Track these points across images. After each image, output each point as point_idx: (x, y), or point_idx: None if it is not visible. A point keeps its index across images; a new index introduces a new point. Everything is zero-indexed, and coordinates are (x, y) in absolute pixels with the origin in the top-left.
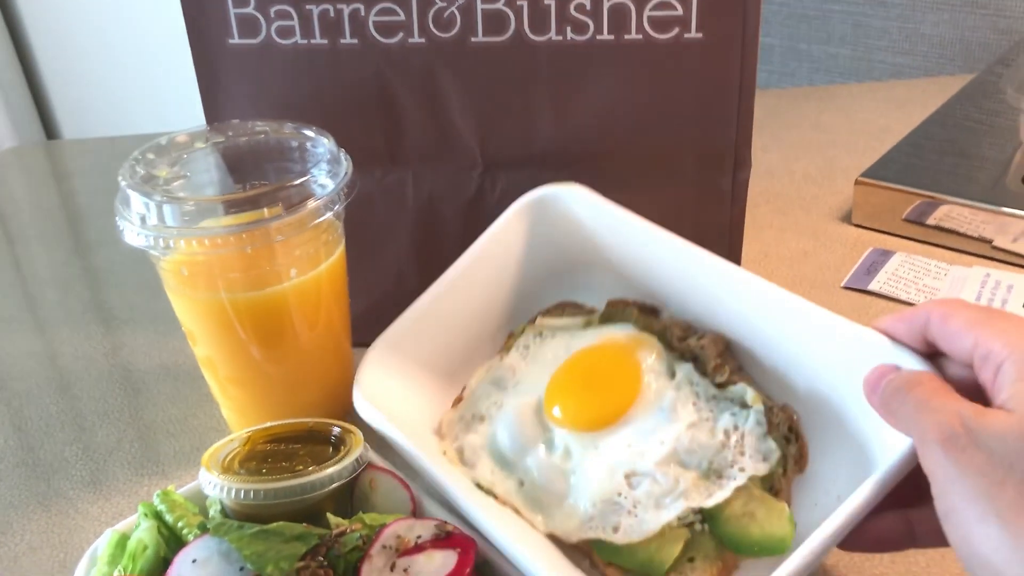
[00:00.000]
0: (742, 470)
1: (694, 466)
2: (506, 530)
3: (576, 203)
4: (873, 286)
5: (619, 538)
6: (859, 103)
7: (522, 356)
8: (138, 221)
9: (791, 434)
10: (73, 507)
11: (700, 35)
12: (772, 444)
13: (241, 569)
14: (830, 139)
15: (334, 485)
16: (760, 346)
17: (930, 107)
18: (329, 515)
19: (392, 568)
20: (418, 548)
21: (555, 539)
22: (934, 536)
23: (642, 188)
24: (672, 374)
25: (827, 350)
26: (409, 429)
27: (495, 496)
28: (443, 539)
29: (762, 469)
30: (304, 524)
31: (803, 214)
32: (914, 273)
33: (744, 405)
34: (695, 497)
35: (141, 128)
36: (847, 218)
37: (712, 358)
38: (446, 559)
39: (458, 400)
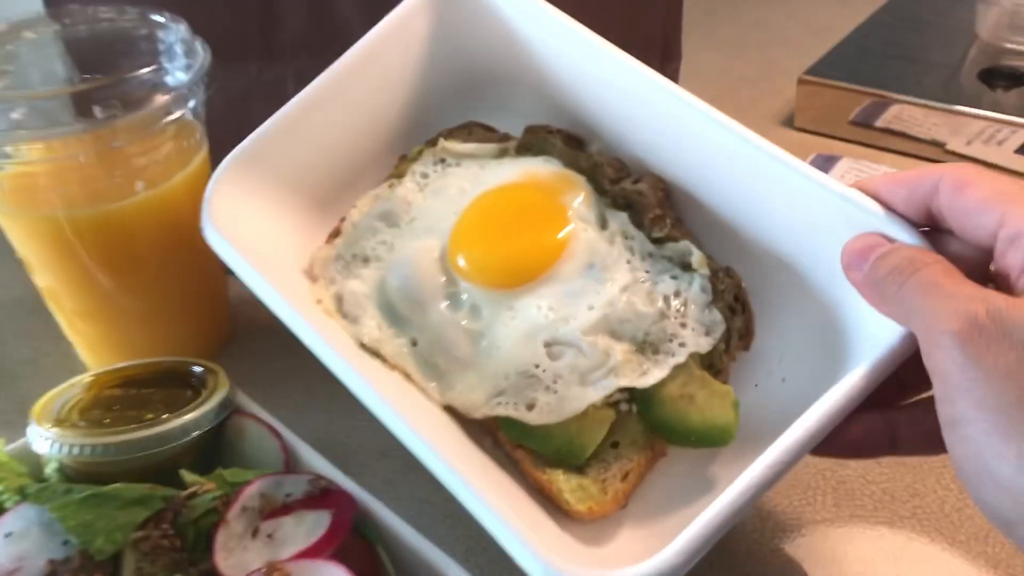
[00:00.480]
0: (682, 345)
1: (627, 338)
2: (391, 400)
3: (501, 3)
4: None
5: (534, 417)
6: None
7: (419, 186)
8: None
9: (737, 304)
10: None
11: None
12: (717, 315)
13: (64, 543)
14: (769, 37)
15: (191, 436)
16: (708, 193)
17: (875, 4)
18: (183, 472)
19: (254, 534)
20: (286, 509)
21: (452, 412)
22: (919, 443)
23: None
24: (603, 224)
25: (795, 206)
26: (271, 267)
27: (382, 358)
28: (316, 497)
29: (704, 345)
30: (149, 484)
31: (741, 117)
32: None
33: (687, 267)
34: (627, 374)
35: None
36: (789, 121)
37: (651, 207)
38: (318, 520)
39: (335, 234)
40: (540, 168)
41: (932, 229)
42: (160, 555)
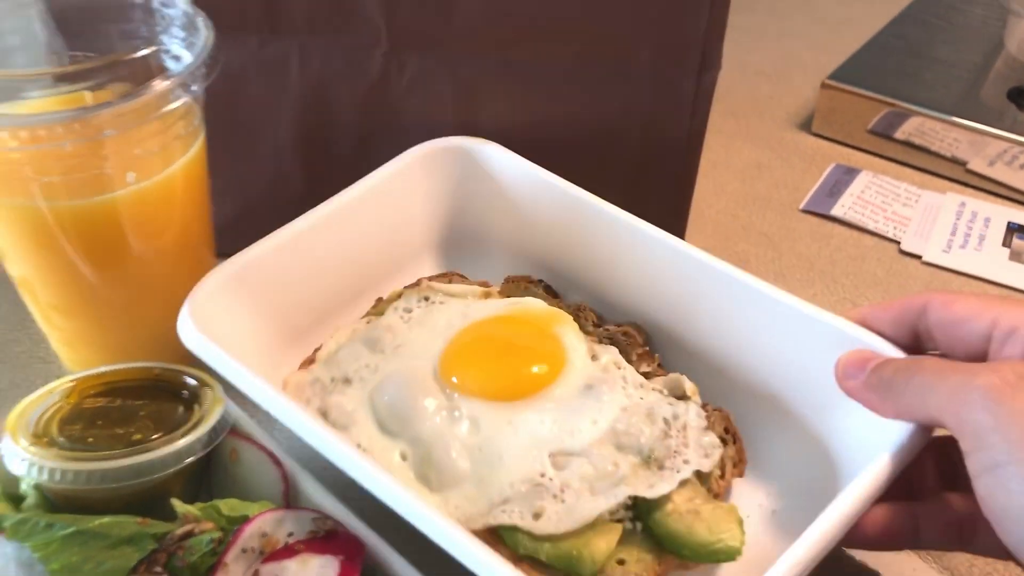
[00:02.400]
0: (686, 462)
1: (633, 451)
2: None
3: (492, 164)
4: (836, 211)
5: (541, 526)
6: None
7: (403, 319)
8: None
9: (727, 435)
10: None
11: None
12: (715, 439)
13: None
14: (786, 27)
15: (183, 464)
16: (692, 333)
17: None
18: (176, 504)
19: None
20: (289, 551)
21: None
22: (942, 534)
23: (585, 84)
24: (594, 356)
25: (782, 338)
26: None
27: None
28: (321, 538)
29: (706, 465)
30: (138, 520)
31: (757, 119)
32: (882, 197)
33: (680, 397)
34: (636, 484)
35: None
36: (806, 125)
37: (636, 345)
38: (324, 567)
39: (308, 361)
40: (530, 304)
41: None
42: None
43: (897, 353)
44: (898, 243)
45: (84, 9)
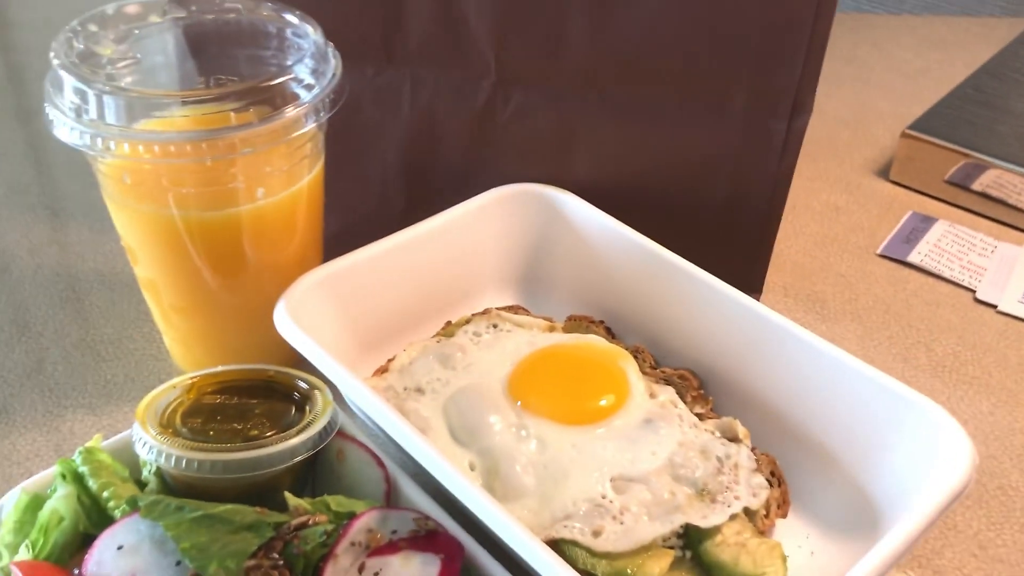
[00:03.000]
0: (737, 498)
1: (689, 483)
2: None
3: (566, 210)
4: (913, 257)
5: (600, 543)
6: (895, 38)
7: (473, 342)
8: (72, 112)
9: (773, 478)
10: None
11: None
12: (762, 480)
13: (178, 563)
14: (864, 76)
15: (295, 460)
16: (744, 380)
17: (971, 50)
18: (288, 496)
19: (360, 570)
20: (392, 547)
21: None
22: None
23: (678, 123)
24: (652, 394)
25: (831, 391)
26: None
27: None
28: (423, 539)
29: (754, 502)
30: (257, 509)
31: (835, 164)
32: (958, 247)
33: (733, 439)
34: (692, 514)
35: None
36: (884, 173)
37: (692, 388)
38: (426, 566)
39: (382, 370)
40: (593, 339)
41: None
42: None
43: (932, 404)
44: (973, 292)
45: (220, 34)
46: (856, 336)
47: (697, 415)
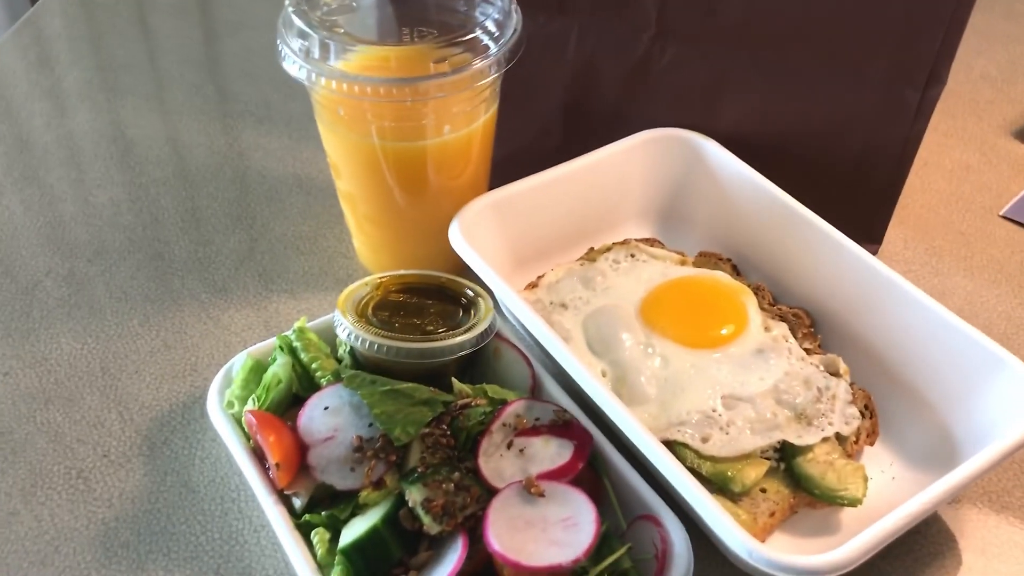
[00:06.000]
0: (830, 424)
1: (790, 407)
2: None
3: (706, 154)
4: None
5: (707, 448)
6: None
7: (612, 267)
8: (300, 52)
9: (866, 411)
10: (205, 311)
11: None
12: (855, 411)
13: (370, 425)
14: (1019, 34)
15: (462, 353)
16: (852, 323)
17: None
18: (454, 381)
19: (509, 446)
20: (535, 431)
21: None
22: None
23: (821, 85)
24: (767, 328)
25: (927, 342)
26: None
27: None
28: (560, 427)
29: (845, 430)
30: (431, 389)
31: (974, 121)
32: None
33: (835, 374)
34: (788, 432)
35: None
36: (1020, 134)
37: (804, 325)
38: (561, 448)
39: (533, 285)
40: (719, 275)
41: None
42: (439, 450)
43: (1016, 360)
44: None
45: None
46: (965, 291)
47: (805, 350)
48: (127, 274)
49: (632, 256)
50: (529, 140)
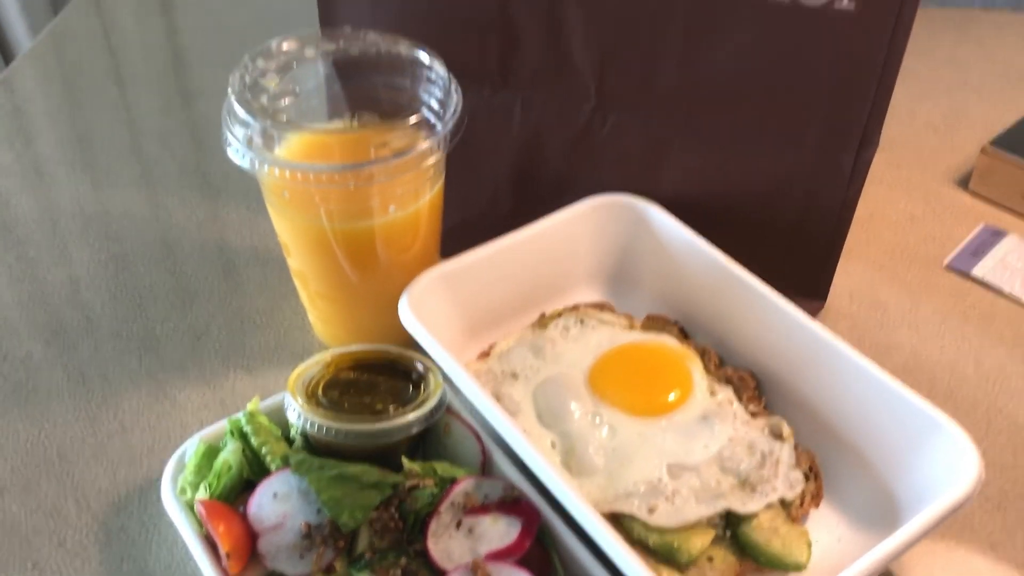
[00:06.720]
0: (775, 489)
1: (734, 474)
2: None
3: (651, 220)
4: (977, 271)
5: (654, 519)
6: (1002, 38)
7: (562, 335)
8: (244, 140)
9: (810, 472)
10: (162, 390)
11: (852, 6)
12: (799, 476)
13: (318, 511)
14: (962, 79)
15: (412, 432)
16: (796, 386)
17: None
18: (405, 460)
19: (458, 525)
20: (484, 509)
21: None
22: None
23: (757, 149)
24: (712, 392)
25: (869, 405)
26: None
27: None
28: (509, 504)
29: (789, 494)
30: (380, 470)
31: (918, 171)
32: (1023, 262)
33: (777, 437)
34: (733, 500)
35: None
36: (964, 182)
37: (749, 388)
38: (510, 527)
39: (484, 354)
40: (666, 339)
41: None
42: (387, 533)
43: (952, 424)
44: None
45: (363, 64)
46: (910, 345)
47: (751, 412)
48: (85, 355)
49: (582, 322)
50: (480, 207)
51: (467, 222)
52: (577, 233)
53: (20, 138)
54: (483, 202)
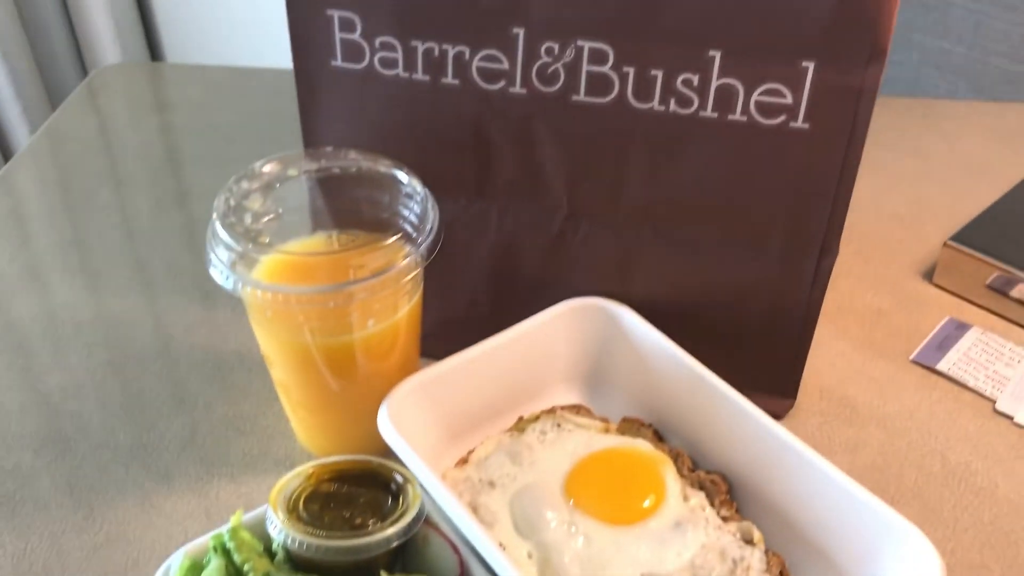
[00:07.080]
0: None
1: None
2: None
3: (624, 323)
4: (942, 365)
5: None
6: (964, 128)
7: (539, 439)
8: (227, 262)
9: None
10: (148, 500)
11: (807, 125)
12: None
13: None
14: (926, 169)
15: (391, 546)
16: (765, 490)
17: None
18: (383, 574)
19: None
20: None
21: None
22: None
23: (723, 258)
24: (685, 497)
25: (836, 510)
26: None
27: None
28: None
29: None
30: None
31: (885, 264)
32: (986, 356)
33: (748, 542)
34: None
35: (238, 59)
36: (929, 274)
37: (721, 492)
38: None
39: (463, 461)
40: (640, 444)
41: None
42: None
43: (913, 529)
44: (994, 402)
45: (345, 181)
46: (878, 442)
47: (723, 517)
48: (73, 464)
49: (559, 426)
50: (460, 309)
51: (448, 324)
52: (553, 336)
53: (17, 239)
54: (462, 304)
